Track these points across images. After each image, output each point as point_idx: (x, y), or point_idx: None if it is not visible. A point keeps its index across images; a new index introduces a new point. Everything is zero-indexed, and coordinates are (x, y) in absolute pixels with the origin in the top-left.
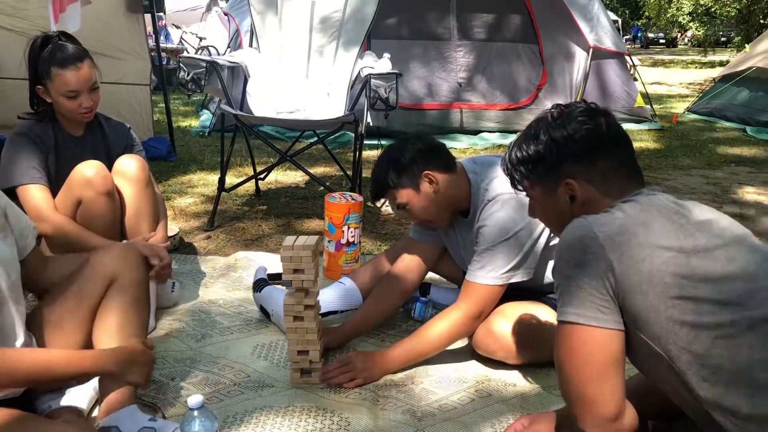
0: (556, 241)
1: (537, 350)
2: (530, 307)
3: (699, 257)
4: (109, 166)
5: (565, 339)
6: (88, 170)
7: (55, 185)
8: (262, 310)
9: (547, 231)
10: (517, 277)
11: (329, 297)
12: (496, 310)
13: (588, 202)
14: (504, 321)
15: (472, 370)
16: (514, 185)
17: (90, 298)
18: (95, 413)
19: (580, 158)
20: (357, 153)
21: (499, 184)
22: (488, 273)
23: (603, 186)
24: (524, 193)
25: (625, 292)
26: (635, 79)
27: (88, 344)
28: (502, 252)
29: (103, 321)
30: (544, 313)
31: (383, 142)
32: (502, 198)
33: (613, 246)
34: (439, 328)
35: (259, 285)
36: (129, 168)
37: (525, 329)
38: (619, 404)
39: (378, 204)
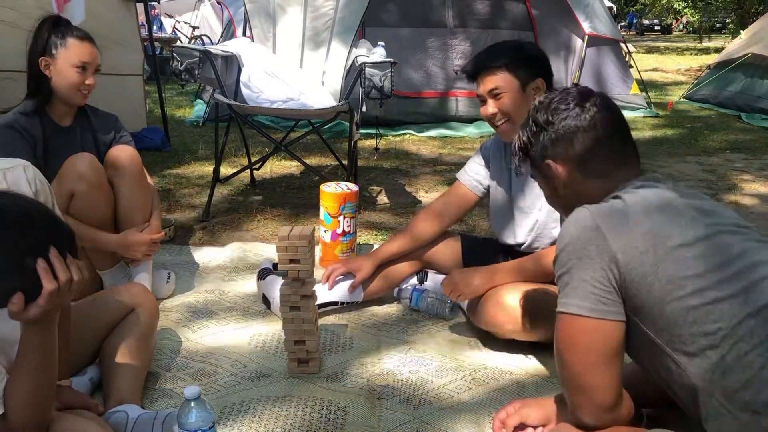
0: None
1: (546, 327)
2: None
3: (700, 246)
4: (98, 156)
5: (566, 329)
6: (80, 163)
7: (45, 177)
8: (264, 299)
9: None
10: None
11: (327, 288)
12: (507, 285)
13: (570, 184)
14: (515, 295)
15: (469, 358)
16: (519, 170)
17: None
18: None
19: (561, 142)
20: (352, 142)
21: None
22: None
23: (584, 168)
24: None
25: (630, 283)
26: (630, 66)
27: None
28: None
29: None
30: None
31: (381, 132)
32: None
33: (616, 237)
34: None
35: (263, 274)
36: (121, 159)
37: (536, 304)
38: (617, 393)
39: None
